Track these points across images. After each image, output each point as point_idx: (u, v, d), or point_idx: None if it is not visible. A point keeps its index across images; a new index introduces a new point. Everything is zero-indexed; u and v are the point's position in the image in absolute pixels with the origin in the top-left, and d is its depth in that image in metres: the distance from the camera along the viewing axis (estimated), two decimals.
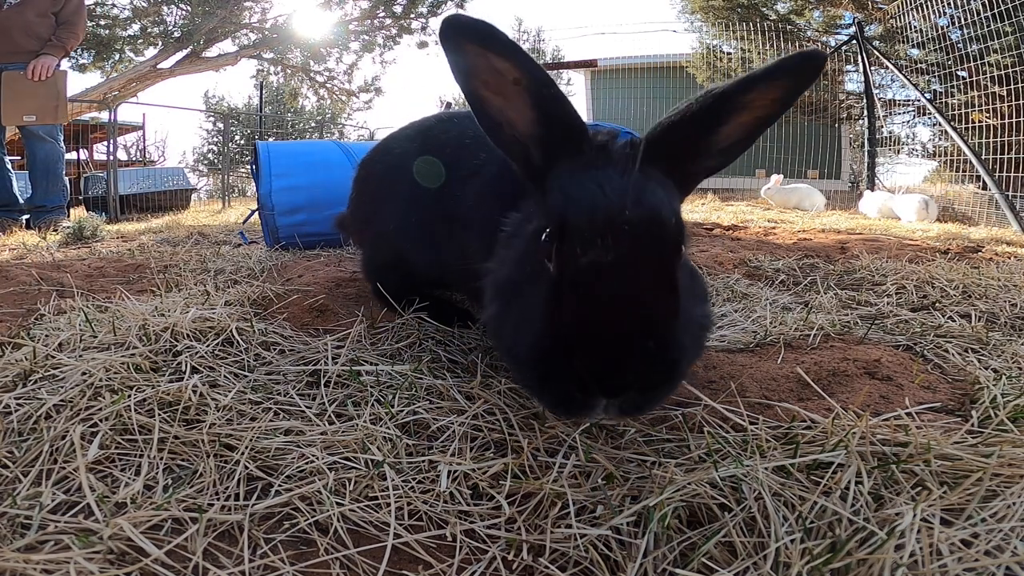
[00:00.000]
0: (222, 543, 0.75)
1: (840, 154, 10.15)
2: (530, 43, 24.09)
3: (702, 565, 0.71)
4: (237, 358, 1.29)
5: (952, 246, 3.18)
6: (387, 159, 1.66)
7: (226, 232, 4.13)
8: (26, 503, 0.79)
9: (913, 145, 8.13)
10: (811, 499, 0.78)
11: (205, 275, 2.24)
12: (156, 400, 1.04)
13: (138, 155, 15.05)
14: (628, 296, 0.76)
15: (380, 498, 0.84)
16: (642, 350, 0.74)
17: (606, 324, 0.74)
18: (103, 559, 0.70)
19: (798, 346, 1.46)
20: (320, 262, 2.55)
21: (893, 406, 1.09)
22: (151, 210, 7.77)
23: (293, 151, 3.28)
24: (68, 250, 3.25)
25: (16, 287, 1.95)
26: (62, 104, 4.50)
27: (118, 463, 0.91)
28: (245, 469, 0.89)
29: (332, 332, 1.48)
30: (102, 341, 1.29)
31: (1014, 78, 5.18)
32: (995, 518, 0.75)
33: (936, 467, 0.85)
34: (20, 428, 0.97)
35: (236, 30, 13.14)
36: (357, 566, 0.74)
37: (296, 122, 18.20)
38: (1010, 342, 1.47)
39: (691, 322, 0.84)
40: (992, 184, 5.12)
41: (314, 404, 1.11)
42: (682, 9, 10.51)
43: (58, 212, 4.69)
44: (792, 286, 2.17)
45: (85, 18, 4.92)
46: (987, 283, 2.07)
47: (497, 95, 0.93)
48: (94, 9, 11.49)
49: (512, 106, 0.93)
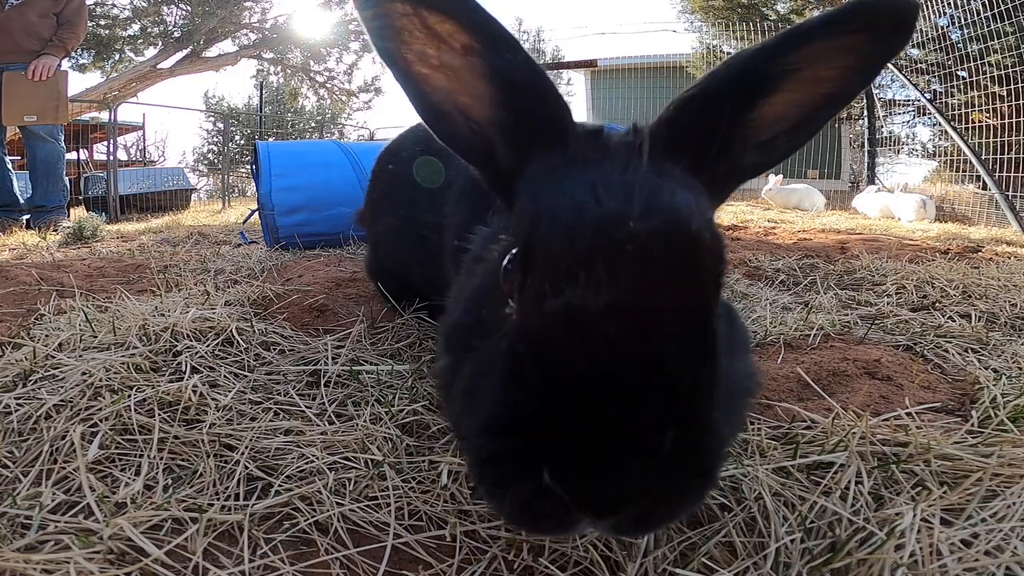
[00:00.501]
0: (222, 543, 0.75)
1: (840, 154, 10.15)
2: (530, 43, 24.12)
3: (702, 565, 0.71)
4: (237, 358, 1.29)
5: (952, 246, 3.18)
6: (393, 159, 1.65)
7: (226, 232, 4.13)
8: (26, 503, 0.79)
9: (913, 145, 8.13)
10: (811, 499, 0.78)
11: (205, 275, 2.24)
12: (156, 400, 1.04)
13: (138, 155, 15.05)
14: (632, 365, 0.49)
15: (380, 498, 0.84)
16: (651, 454, 0.48)
17: (592, 411, 0.48)
18: (103, 559, 0.70)
19: (798, 346, 1.46)
20: (320, 262, 2.55)
21: (893, 406, 1.09)
22: (151, 210, 7.77)
23: (293, 151, 3.28)
24: (68, 250, 3.25)
25: (16, 287, 1.95)
26: (63, 104, 4.50)
27: (118, 463, 0.91)
28: (245, 469, 0.89)
29: (332, 332, 1.48)
30: (102, 341, 1.29)
31: (1014, 78, 5.18)
32: (995, 518, 0.75)
33: (936, 467, 0.85)
34: (20, 428, 0.97)
35: (236, 30, 13.16)
36: (357, 566, 0.74)
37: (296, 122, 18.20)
38: (1010, 342, 1.47)
39: (731, 391, 0.59)
40: (992, 184, 5.12)
41: (314, 404, 1.11)
42: (682, 9, 10.53)
43: (58, 212, 4.69)
44: (792, 286, 2.17)
45: (86, 18, 4.93)
46: (987, 283, 2.07)
47: (439, 71, 0.68)
48: (94, 9, 11.51)
49: (463, 86, 0.68)
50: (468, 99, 0.68)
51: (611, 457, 0.47)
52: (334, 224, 2.97)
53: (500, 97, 0.67)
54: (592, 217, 0.54)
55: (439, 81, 0.68)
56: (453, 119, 0.70)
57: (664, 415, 0.49)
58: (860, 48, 0.64)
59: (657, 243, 0.52)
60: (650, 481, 0.49)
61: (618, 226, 0.53)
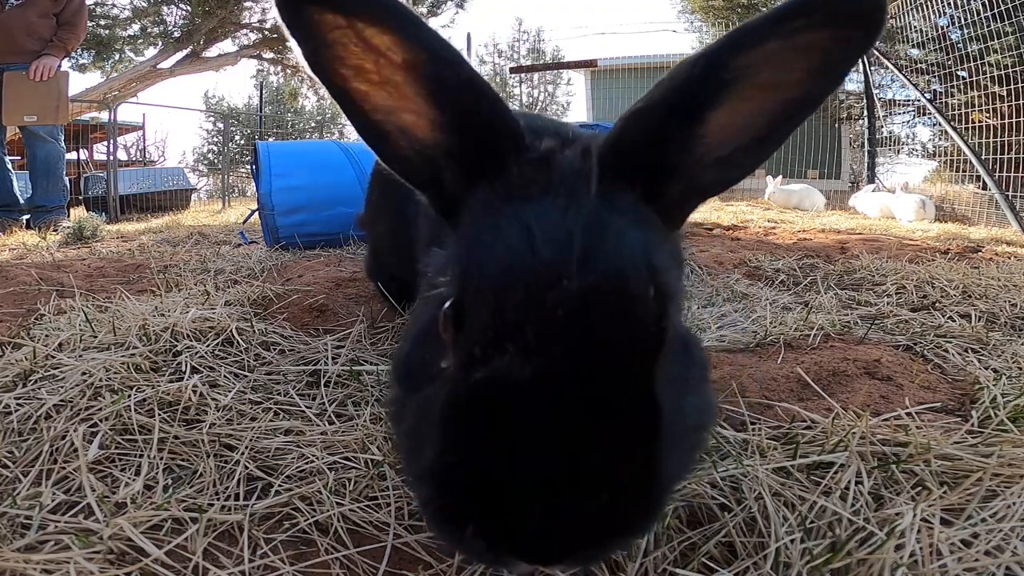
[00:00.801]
0: (222, 543, 0.75)
1: (840, 154, 10.15)
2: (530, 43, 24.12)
3: (702, 565, 0.71)
4: (237, 358, 1.29)
5: (952, 246, 3.18)
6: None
7: (226, 232, 4.13)
8: (26, 503, 0.79)
9: (913, 145, 8.13)
10: (811, 499, 0.78)
11: (205, 275, 2.24)
12: (156, 400, 1.04)
13: (138, 155, 15.05)
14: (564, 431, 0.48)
15: (380, 498, 0.84)
16: (583, 507, 0.47)
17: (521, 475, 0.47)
18: (103, 559, 0.70)
19: (798, 346, 1.46)
20: (320, 262, 2.55)
21: (893, 406, 1.09)
22: (151, 210, 7.77)
23: (293, 151, 3.29)
24: (68, 250, 3.25)
25: (16, 287, 1.95)
26: (63, 104, 4.50)
27: (118, 463, 0.91)
28: (245, 469, 0.89)
29: (332, 332, 1.48)
30: (102, 341, 1.29)
31: (1014, 78, 5.18)
32: (995, 518, 0.75)
33: (936, 467, 0.85)
34: (20, 428, 0.97)
35: (236, 30, 13.15)
36: (357, 566, 0.74)
37: (296, 122, 18.21)
38: (1010, 342, 1.47)
39: (679, 431, 0.56)
40: (992, 184, 5.12)
41: (314, 404, 1.11)
42: (682, 9, 10.56)
43: (58, 212, 4.69)
44: (792, 286, 2.17)
45: (86, 19, 4.93)
46: (987, 283, 2.07)
47: (380, 87, 0.62)
48: (94, 9, 11.50)
49: (406, 103, 0.63)
50: (411, 117, 0.63)
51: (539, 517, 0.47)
52: (334, 224, 2.97)
53: (442, 119, 0.62)
54: (523, 273, 0.51)
55: (380, 99, 0.63)
56: (395, 139, 0.65)
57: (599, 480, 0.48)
58: (823, 46, 0.56)
59: (592, 305, 0.50)
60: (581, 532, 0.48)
61: (550, 286, 0.50)
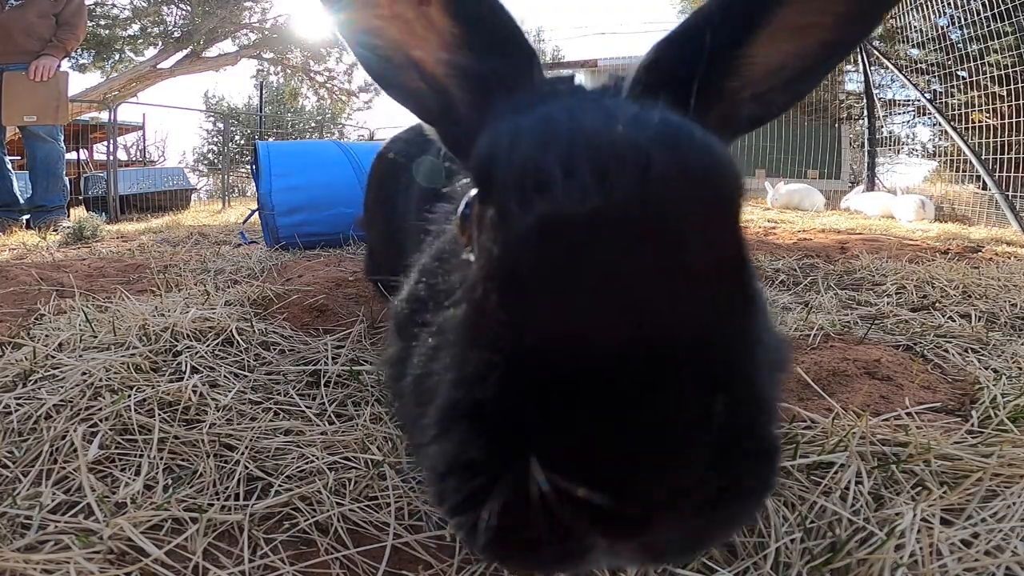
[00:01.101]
0: (222, 543, 0.75)
1: (840, 154, 10.15)
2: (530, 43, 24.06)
3: (702, 565, 0.71)
4: (237, 358, 1.29)
5: (952, 246, 3.18)
6: (383, 162, 1.65)
7: (226, 232, 4.13)
8: (26, 503, 0.79)
9: (913, 145, 8.13)
10: (811, 499, 0.78)
11: (205, 275, 2.24)
12: (156, 400, 1.04)
13: (138, 155, 15.04)
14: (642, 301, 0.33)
15: (380, 498, 0.84)
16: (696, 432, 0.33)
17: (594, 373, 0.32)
18: (103, 559, 0.70)
19: (798, 346, 1.46)
20: (320, 262, 2.55)
21: (893, 406, 1.09)
22: (151, 210, 7.77)
23: (293, 151, 3.29)
24: (68, 250, 3.25)
25: (16, 287, 1.95)
26: (63, 105, 4.50)
27: (118, 463, 0.91)
28: (245, 469, 0.89)
29: (332, 332, 1.48)
30: (102, 341, 1.29)
31: (1014, 78, 5.18)
32: (995, 518, 0.75)
33: (936, 467, 0.85)
34: (20, 428, 0.97)
35: (236, 30, 13.16)
36: (357, 566, 0.74)
37: (296, 122, 18.20)
38: (1010, 342, 1.47)
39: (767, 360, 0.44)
40: (992, 184, 5.12)
41: (314, 404, 1.11)
42: (682, 9, 10.53)
43: (58, 212, 4.69)
44: (792, 286, 2.17)
45: (86, 19, 4.93)
46: (987, 283, 2.07)
47: (391, 22, 0.60)
48: (94, 9, 11.51)
49: (417, 39, 0.60)
50: (422, 53, 0.61)
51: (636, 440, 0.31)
52: (334, 224, 2.97)
53: (461, 35, 0.59)
54: (567, 127, 0.42)
55: (391, 32, 0.61)
56: (406, 74, 0.62)
57: (704, 374, 0.33)
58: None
59: (659, 146, 0.39)
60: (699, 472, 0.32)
61: (604, 134, 0.40)
